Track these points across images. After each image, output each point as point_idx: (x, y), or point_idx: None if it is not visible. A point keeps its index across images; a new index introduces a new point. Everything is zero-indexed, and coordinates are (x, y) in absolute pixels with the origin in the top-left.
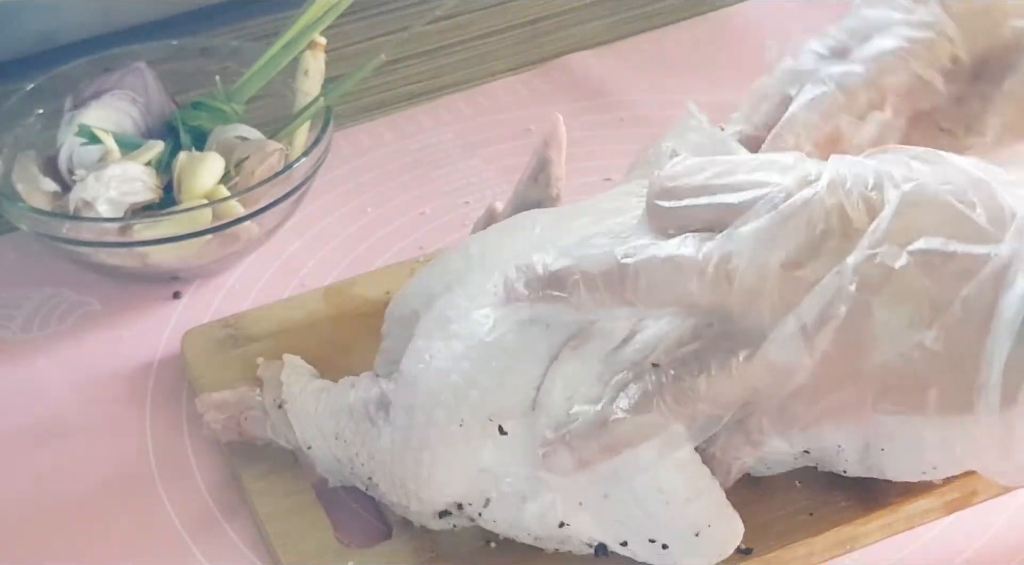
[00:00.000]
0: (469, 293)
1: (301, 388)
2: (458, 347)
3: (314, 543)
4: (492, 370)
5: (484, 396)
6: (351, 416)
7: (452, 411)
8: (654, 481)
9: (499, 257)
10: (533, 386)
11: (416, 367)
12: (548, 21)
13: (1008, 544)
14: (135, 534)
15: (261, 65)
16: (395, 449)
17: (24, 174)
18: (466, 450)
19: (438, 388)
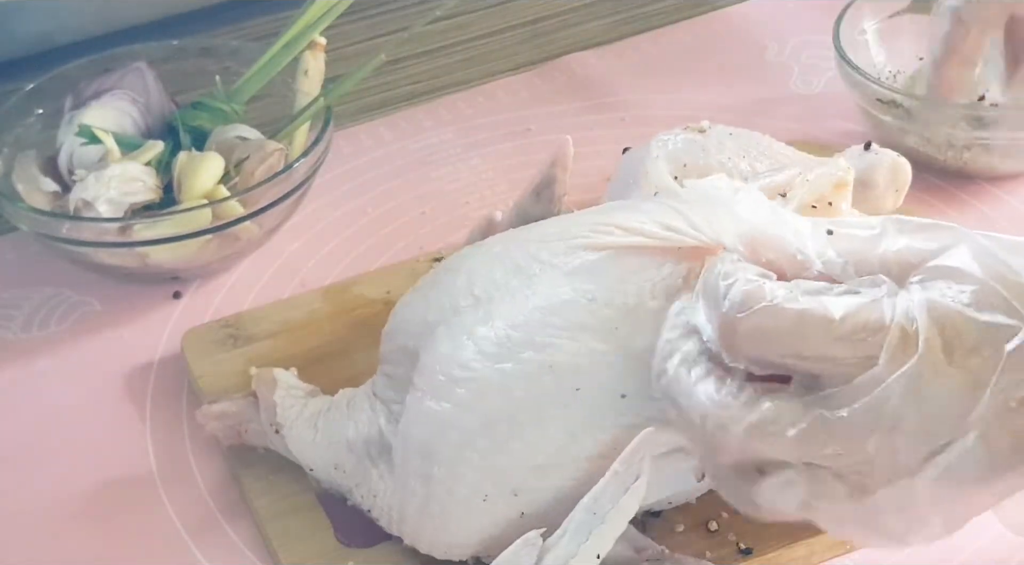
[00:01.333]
0: (479, 345)
1: (297, 413)
2: (471, 421)
3: (314, 543)
4: (510, 450)
5: (504, 475)
6: (350, 451)
7: (474, 488)
8: None
9: (485, 287)
10: (553, 462)
11: (424, 431)
12: (548, 21)
13: (1008, 544)
14: (135, 534)
15: (261, 65)
16: (409, 512)
17: (24, 174)
18: (490, 520)
19: (454, 462)
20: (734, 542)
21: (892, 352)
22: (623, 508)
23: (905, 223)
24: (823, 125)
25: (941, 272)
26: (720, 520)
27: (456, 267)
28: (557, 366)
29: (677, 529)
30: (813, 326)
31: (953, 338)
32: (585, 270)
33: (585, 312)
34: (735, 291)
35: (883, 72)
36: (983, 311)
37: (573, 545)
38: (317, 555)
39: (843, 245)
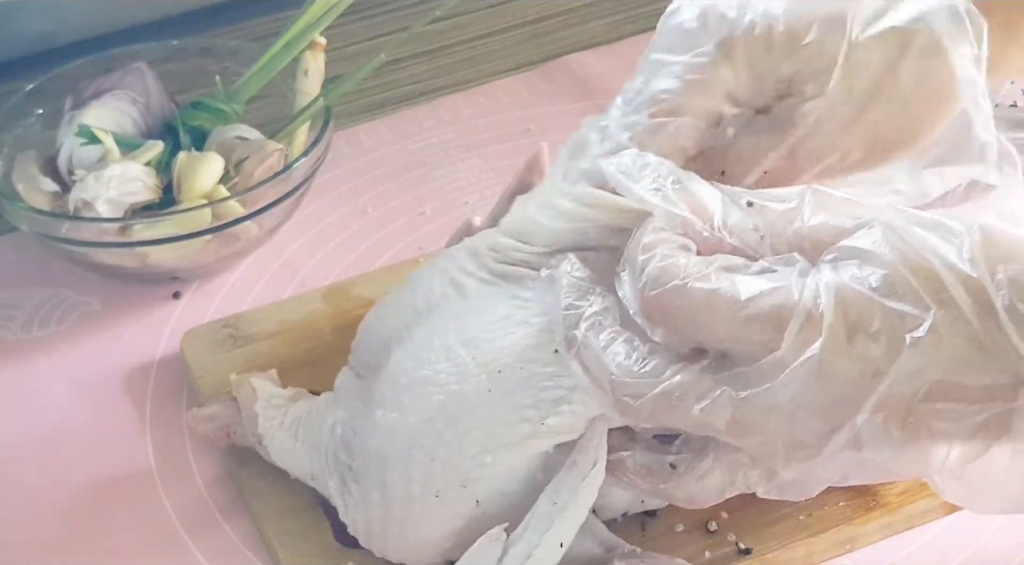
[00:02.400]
0: (415, 354)
1: (279, 423)
2: (412, 420)
3: (314, 543)
4: (447, 442)
5: (448, 467)
6: (324, 461)
7: (426, 485)
8: None
9: (426, 300)
10: (487, 451)
11: (376, 441)
12: (548, 21)
13: (1008, 544)
14: (135, 534)
15: (261, 65)
16: (374, 523)
17: (24, 174)
18: (449, 515)
19: (404, 463)
20: (734, 542)
21: (795, 336)
22: (582, 496)
23: (824, 197)
24: None
25: (853, 253)
26: (720, 520)
27: (411, 289)
28: (481, 353)
29: (676, 529)
30: (720, 307)
31: (857, 322)
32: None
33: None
34: (651, 267)
35: None
36: (889, 298)
37: (536, 536)
38: (317, 555)
39: (760, 218)
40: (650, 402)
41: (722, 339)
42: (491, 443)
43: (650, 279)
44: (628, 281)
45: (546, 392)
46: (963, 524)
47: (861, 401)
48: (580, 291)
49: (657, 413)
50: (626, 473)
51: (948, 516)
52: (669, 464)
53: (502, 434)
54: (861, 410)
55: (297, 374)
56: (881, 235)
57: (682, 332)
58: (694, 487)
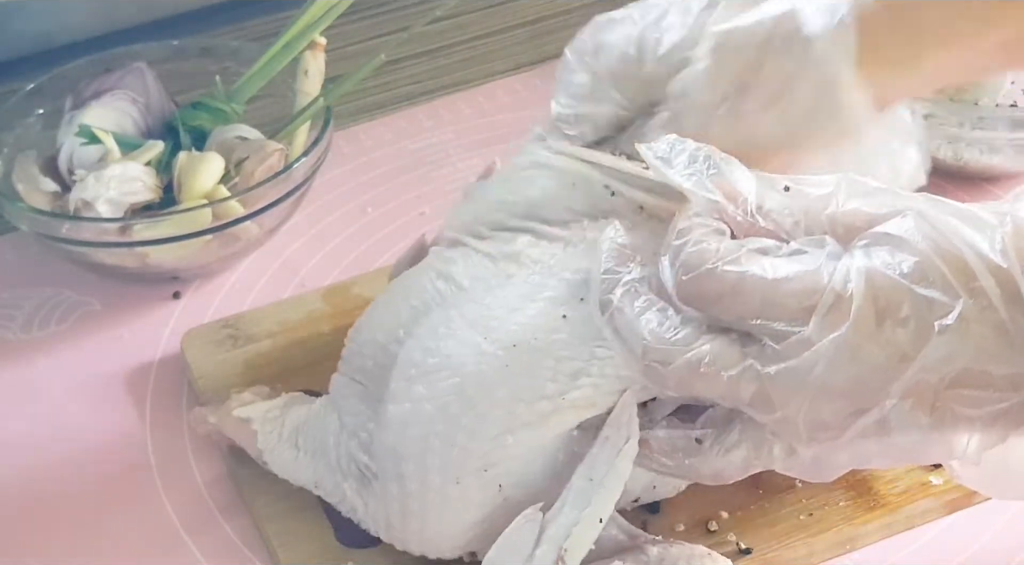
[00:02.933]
0: (423, 344)
1: (277, 435)
2: (427, 408)
3: (314, 543)
4: (465, 426)
5: (467, 452)
6: (328, 467)
7: (444, 473)
8: None
9: (457, 287)
10: (509, 431)
11: (391, 435)
12: (548, 21)
13: (1008, 544)
14: (135, 533)
15: (261, 65)
16: (393, 517)
17: (24, 174)
18: (471, 504)
19: (420, 453)
20: (734, 542)
21: (823, 317)
22: (618, 471)
23: (858, 184)
24: None
25: (885, 239)
26: (720, 520)
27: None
28: (493, 332)
29: (677, 528)
30: (750, 289)
31: (886, 308)
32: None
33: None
34: (685, 251)
35: None
36: (920, 285)
37: (575, 513)
38: (317, 555)
39: (795, 202)
40: (679, 369)
41: (752, 320)
42: (512, 423)
43: (683, 263)
44: (666, 266)
45: (564, 363)
46: (963, 524)
47: (887, 385)
48: (621, 258)
49: (685, 380)
50: (650, 451)
51: (948, 516)
52: (695, 439)
53: (522, 413)
54: (890, 395)
55: (297, 374)
56: (914, 223)
57: (713, 313)
58: (720, 462)
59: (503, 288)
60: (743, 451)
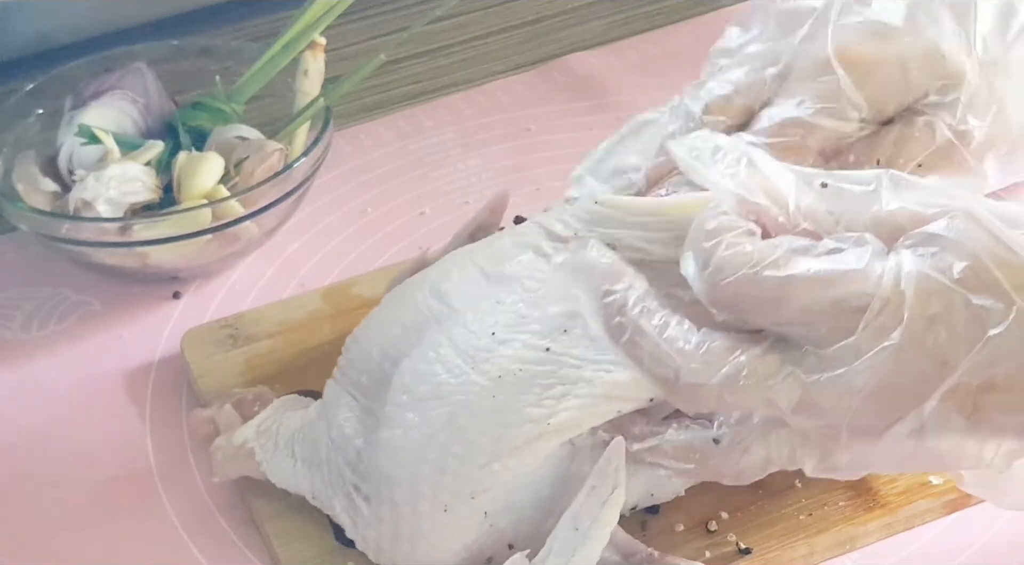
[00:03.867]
0: (415, 371)
1: (273, 444)
2: (416, 436)
3: (314, 543)
4: (455, 454)
5: (456, 479)
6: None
7: (434, 500)
8: None
9: (434, 316)
10: (496, 458)
11: (384, 460)
12: (548, 21)
13: (1008, 544)
14: (135, 534)
15: (261, 65)
16: (384, 540)
17: (24, 174)
18: (458, 529)
19: (412, 479)
20: (734, 542)
21: (873, 324)
22: (603, 521)
23: (901, 181)
24: None
25: (934, 240)
26: (720, 520)
27: (411, 294)
28: (481, 363)
29: (677, 529)
30: (794, 294)
31: (938, 312)
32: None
33: (499, 310)
34: (718, 255)
35: None
36: (972, 291)
37: (559, 562)
38: (317, 555)
39: (835, 200)
40: (716, 387)
41: (793, 324)
42: (499, 450)
43: (717, 268)
44: (693, 268)
45: (549, 390)
46: (963, 524)
47: (930, 390)
48: (613, 276)
49: (723, 396)
50: (664, 457)
51: (948, 516)
52: (712, 440)
53: (509, 439)
54: (930, 398)
55: (297, 374)
56: (964, 225)
57: (750, 319)
58: (741, 461)
59: (492, 314)
60: (763, 450)
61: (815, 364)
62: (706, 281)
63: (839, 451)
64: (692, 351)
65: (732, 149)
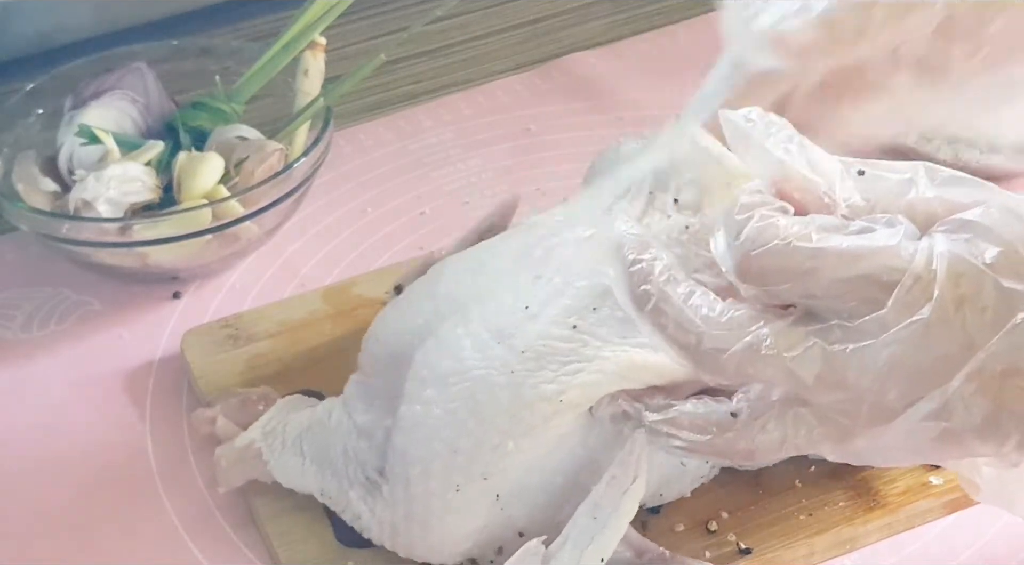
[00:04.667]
0: (440, 346)
1: (280, 444)
2: (436, 412)
3: (314, 543)
4: (470, 432)
5: (470, 459)
6: (334, 475)
7: (446, 479)
8: None
9: (466, 295)
10: (511, 437)
11: (402, 437)
12: (548, 21)
13: (1008, 544)
14: (135, 534)
15: (261, 65)
16: (399, 521)
17: (24, 174)
18: (469, 512)
19: (426, 458)
20: (734, 542)
21: (902, 299)
22: (623, 511)
23: (937, 172)
24: None
25: (968, 227)
26: (720, 520)
27: (430, 283)
28: (508, 337)
29: (677, 529)
30: (825, 266)
31: (967, 293)
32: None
33: (537, 285)
34: (751, 227)
35: None
36: (1004, 275)
37: (576, 551)
38: (317, 555)
39: (872, 188)
40: (738, 354)
41: (821, 297)
42: (513, 429)
43: (749, 239)
44: (722, 240)
45: (566, 366)
46: (963, 524)
47: (955, 370)
48: (640, 246)
49: (744, 365)
50: (680, 429)
51: (948, 516)
52: (730, 414)
53: (524, 417)
54: (954, 378)
55: (297, 374)
56: (999, 214)
57: (779, 291)
58: (758, 438)
59: (530, 289)
60: (780, 429)
61: (841, 336)
62: (736, 251)
63: (857, 431)
64: (716, 318)
65: (784, 128)
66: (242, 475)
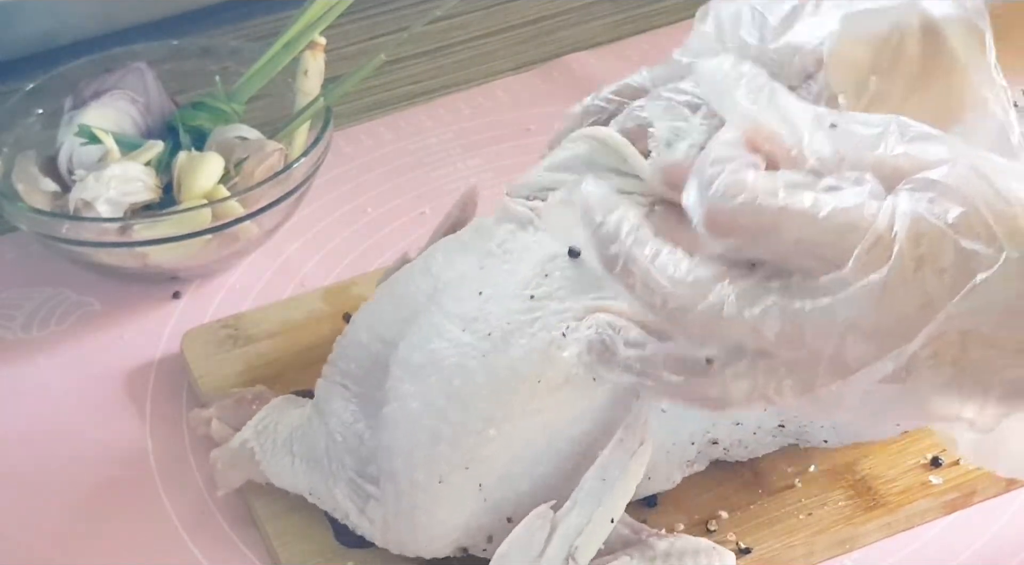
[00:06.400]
0: (410, 345)
1: (272, 443)
2: (415, 405)
3: (314, 543)
4: (450, 419)
5: (452, 446)
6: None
7: (430, 470)
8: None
9: (424, 293)
10: (491, 423)
11: (386, 433)
12: (548, 21)
13: (1008, 544)
14: (135, 534)
15: (261, 65)
16: (389, 518)
17: (24, 174)
18: (454, 503)
19: (409, 449)
20: (734, 541)
21: (862, 257)
22: (631, 472)
23: (908, 128)
24: None
25: (932, 186)
26: (720, 520)
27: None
28: (471, 322)
29: (677, 528)
30: (789, 223)
31: (927, 254)
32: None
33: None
34: (720, 180)
35: None
36: (964, 235)
37: (586, 512)
38: (317, 555)
39: (842, 141)
40: (702, 313)
41: (785, 255)
42: (494, 414)
43: (718, 193)
44: (694, 192)
45: (535, 340)
46: (963, 524)
47: (915, 332)
48: (607, 207)
49: (709, 324)
50: (654, 367)
51: (948, 516)
52: (705, 359)
53: (506, 401)
54: (914, 340)
55: (297, 374)
56: (965, 173)
57: (745, 246)
58: (730, 386)
59: (478, 278)
60: (750, 378)
61: (800, 293)
62: (705, 205)
63: (819, 384)
64: (681, 277)
65: (755, 77)
66: (238, 476)
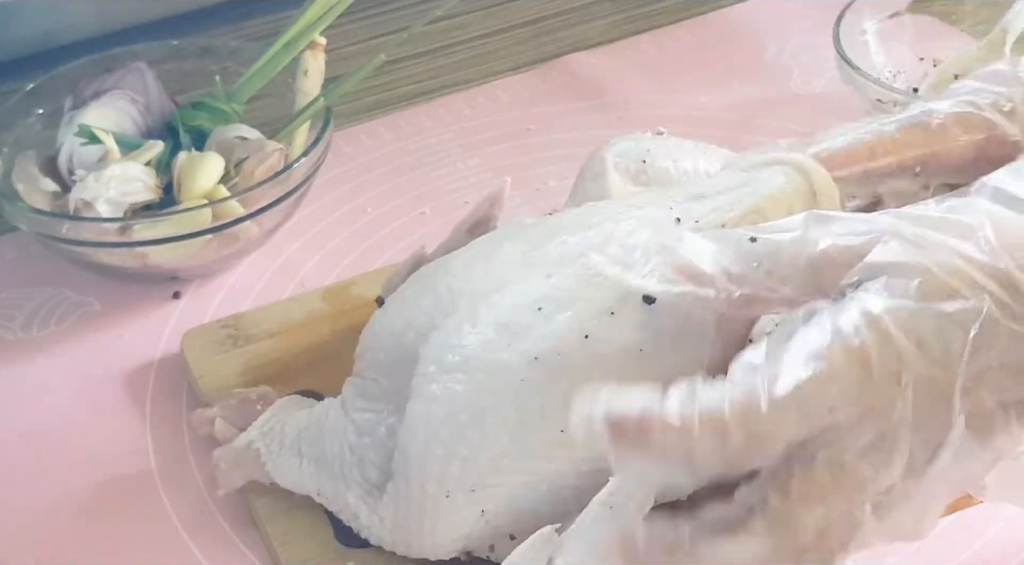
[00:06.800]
0: (445, 341)
1: (279, 444)
2: (439, 413)
3: (314, 543)
4: (468, 441)
5: (464, 469)
6: (330, 475)
7: (440, 484)
8: None
9: (471, 290)
10: (506, 455)
11: (405, 434)
12: (548, 21)
13: (1008, 544)
14: (135, 534)
15: (261, 65)
16: (397, 517)
17: (24, 174)
18: (459, 518)
19: (424, 459)
20: None
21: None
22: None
23: (824, 218)
24: (823, 125)
25: (877, 270)
26: None
27: (431, 277)
28: (518, 340)
29: None
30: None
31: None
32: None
33: (548, 284)
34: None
35: (883, 72)
36: (938, 301)
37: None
38: (317, 555)
39: (768, 253)
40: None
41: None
42: (512, 448)
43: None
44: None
45: (576, 388)
46: (963, 524)
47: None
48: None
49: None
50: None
51: (948, 516)
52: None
53: (525, 439)
54: (954, 423)
55: (297, 374)
56: (899, 246)
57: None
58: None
59: (540, 287)
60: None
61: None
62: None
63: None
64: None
65: (648, 244)
66: (241, 476)
